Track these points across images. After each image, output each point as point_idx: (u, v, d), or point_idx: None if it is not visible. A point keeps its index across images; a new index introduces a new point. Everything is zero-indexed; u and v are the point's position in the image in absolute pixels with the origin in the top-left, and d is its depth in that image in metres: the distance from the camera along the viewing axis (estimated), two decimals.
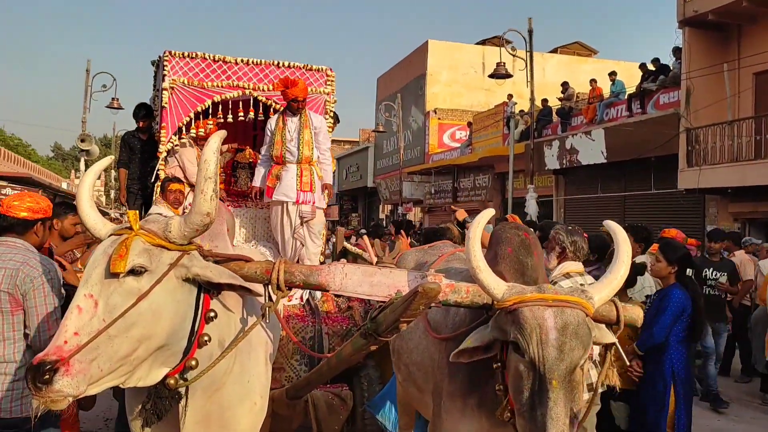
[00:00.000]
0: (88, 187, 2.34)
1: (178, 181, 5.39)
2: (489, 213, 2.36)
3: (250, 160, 6.32)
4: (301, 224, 5.38)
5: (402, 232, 8.55)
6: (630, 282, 4.32)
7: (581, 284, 2.91)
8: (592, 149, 15.90)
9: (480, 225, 2.23)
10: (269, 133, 5.40)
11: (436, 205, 25.60)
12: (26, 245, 2.86)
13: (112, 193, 34.35)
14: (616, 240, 2.27)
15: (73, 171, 35.24)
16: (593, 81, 17.85)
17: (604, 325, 2.24)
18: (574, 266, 3.43)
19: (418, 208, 27.85)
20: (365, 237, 4.74)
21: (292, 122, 5.32)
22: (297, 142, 5.33)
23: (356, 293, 2.39)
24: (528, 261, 2.34)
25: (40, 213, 2.99)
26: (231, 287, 2.22)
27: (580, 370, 1.97)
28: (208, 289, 2.24)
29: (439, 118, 26.50)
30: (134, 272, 2.01)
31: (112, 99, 19.27)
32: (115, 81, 19.78)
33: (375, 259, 4.31)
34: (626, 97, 16.53)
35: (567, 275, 3.41)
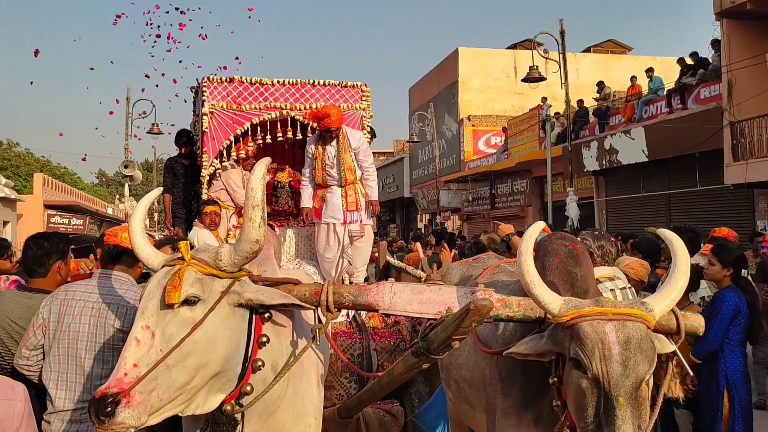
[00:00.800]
0: (140, 220, 2.39)
1: (213, 203, 5.44)
2: (539, 226, 2.31)
3: (290, 180, 6.37)
4: (351, 243, 5.42)
5: (444, 243, 8.45)
6: (693, 285, 4.22)
7: (611, 289, 2.89)
8: (632, 148, 15.61)
9: (532, 238, 2.19)
10: (309, 157, 5.41)
11: (474, 212, 25.39)
12: (132, 281, 2.94)
13: (156, 216, 34.85)
14: (673, 249, 2.21)
15: (117, 196, 36.25)
16: (633, 78, 17.42)
17: (663, 335, 2.17)
18: (603, 271, 3.40)
19: (456, 216, 27.61)
20: (417, 244, 4.68)
21: (331, 147, 5.33)
22: (338, 168, 5.34)
23: (406, 312, 2.37)
24: (577, 272, 2.30)
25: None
26: (285, 307, 2.23)
27: (645, 386, 1.91)
28: (260, 313, 2.26)
29: (473, 125, 26.32)
30: (188, 302, 2.04)
31: (153, 125, 19.77)
32: (154, 107, 20.43)
33: (424, 266, 4.29)
34: (665, 93, 16.18)
35: (597, 281, 3.46)
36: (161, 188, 2.84)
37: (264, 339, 2.22)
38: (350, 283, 5.47)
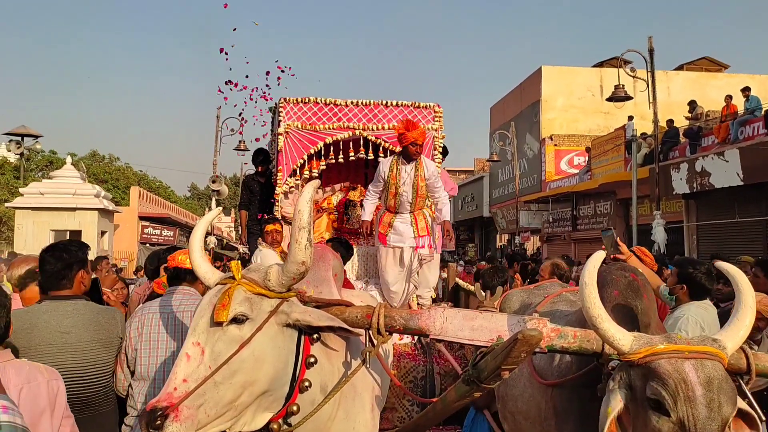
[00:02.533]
0: (199, 238, 2.46)
1: (274, 221, 5.51)
2: (600, 255, 2.23)
3: (362, 199, 6.41)
4: (420, 267, 5.39)
5: (516, 266, 8.27)
6: None
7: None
8: (726, 171, 14.85)
9: (594, 268, 2.11)
10: (381, 177, 5.39)
11: (554, 234, 24.87)
12: (197, 293, 3.08)
13: (240, 230, 36.07)
14: (737, 284, 2.08)
15: (207, 209, 38.04)
16: (728, 97, 16.62)
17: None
18: None
19: (535, 237, 27.11)
20: (478, 284, 4.55)
21: (406, 171, 5.30)
22: (411, 195, 5.30)
23: (457, 338, 2.34)
24: (637, 304, 2.21)
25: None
26: (331, 329, 2.23)
27: (728, 430, 1.81)
28: (309, 334, 2.28)
29: (555, 145, 25.87)
30: (236, 320, 2.07)
31: (240, 141, 20.68)
32: (243, 125, 21.03)
33: (477, 292, 4.25)
34: (763, 113, 15.29)
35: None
36: (220, 208, 2.92)
37: (312, 359, 2.22)
38: (418, 305, 5.52)
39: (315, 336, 2.29)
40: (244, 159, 28.54)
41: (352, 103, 5.73)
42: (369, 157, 5.85)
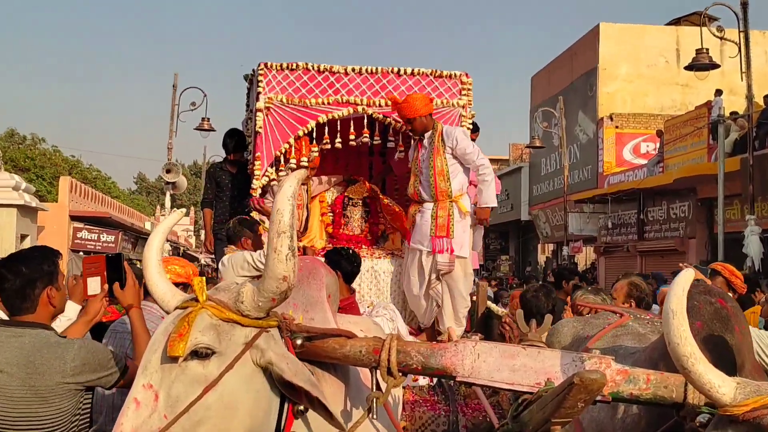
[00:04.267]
0: (157, 249, 2.45)
1: (251, 224, 5.48)
2: (689, 276, 2.20)
3: (365, 195, 6.55)
4: (438, 279, 5.56)
5: (565, 285, 8.24)
6: None
7: None
8: None
9: (684, 292, 2.07)
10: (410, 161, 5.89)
11: (614, 243, 24.62)
12: (156, 313, 3.18)
13: (203, 234, 35.20)
14: None
15: (158, 206, 37.97)
16: None
17: None
18: None
19: (589, 247, 26.87)
20: (519, 311, 4.54)
21: (424, 149, 5.58)
22: (426, 175, 5.56)
23: (492, 381, 2.31)
24: (728, 339, 2.21)
25: (182, 278, 3.66)
26: (308, 399, 2.14)
27: None
28: (283, 385, 2.24)
29: (616, 127, 25.71)
30: (199, 355, 2.05)
31: (203, 119, 20.24)
32: (206, 97, 20.76)
33: (519, 322, 4.33)
34: None
35: None
36: (183, 211, 2.96)
37: (302, 407, 2.18)
38: (448, 338, 5.71)
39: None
40: (210, 142, 28.68)
41: (353, 70, 5.78)
42: (375, 141, 5.91)
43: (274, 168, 5.70)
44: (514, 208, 32.80)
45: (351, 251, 5.48)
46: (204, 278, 2.26)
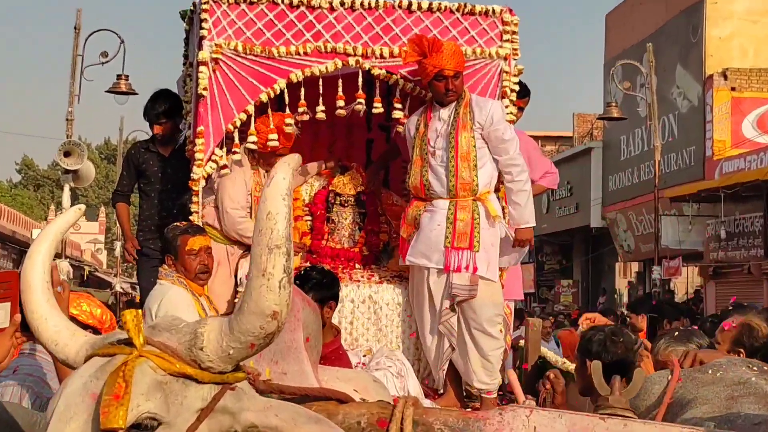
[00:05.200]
0: (41, 265, 2.44)
1: (196, 231, 5.59)
2: None
3: (360, 191, 6.54)
4: (452, 308, 5.60)
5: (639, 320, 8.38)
6: None
7: None
8: None
9: None
10: (409, 141, 5.80)
11: (730, 261, 23.77)
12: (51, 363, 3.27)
13: (118, 248, 29.35)
14: None
15: (52, 206, 37.37)
16: None
17: None
18: None
19: (692, 267, 26.27)
20: (595, 363, 4.35)
21: (440, 121, 5.63)
22: (445, 157, 5.60)
23: None
24: None
25: (95, 319, 3.88)
26: None
27: None
28: None
29: (732, 89, 24.57)
30: (141, 427, 2.04)
31: (119, 78, 18.93)
32: (123, 45, 19.23)
33: (596, 379, 4.05)
34: None
35: None
36: (82, 207, 2.88)
37: None
38: (482, 404, 5.55)
39: None
40: (129, 110, 27.70)
41: (342, 4, 5.74)
42: (375, 110, 5.89)
43: (224, 149, 5.67)
44: (580, 209, 32.52)
45: (321, 269, 5.39)
46: (140, 311, 2.23)
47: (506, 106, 5.91)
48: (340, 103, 5.78)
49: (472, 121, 5.55)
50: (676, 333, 5.37)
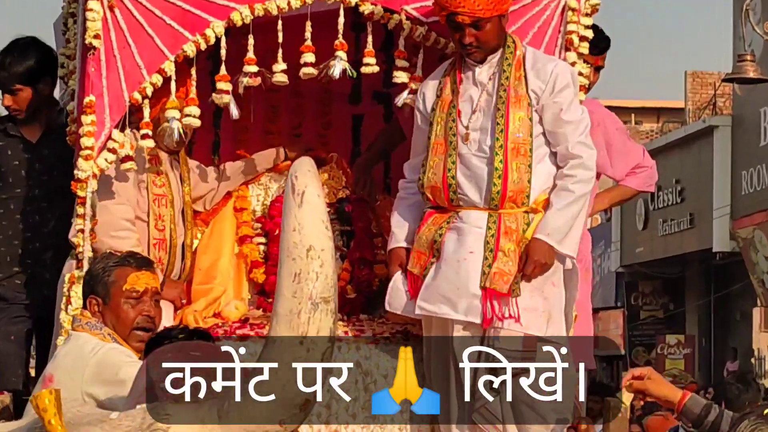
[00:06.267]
0: None
1: (146, 264, 5.49)
2: None
3: (342, 196, 6.79)
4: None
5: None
6: None
7: None
8: None
9: None
10: (421, 118, 5.87)
11: None
12: None
13: None
14: None
15: None
16: None
17: None
18: None
19: None
20: None
21: (477, 86, 5.68)
22: (488, 143, 5.65)
23: None
24: None
25: None
26: None
27: None
28: None
29: None
30: None
31: None
32: None
33: None
34: None
35: None
36: None
37: None
38: None
39: None
40: None
41: None
42: (366, 69, 5.95)
43: (127, 131, 5.76)
44: (695, 223, 30.53)
45: (195, 331, 4.78)
46: (59, 391, 2.50)
47: (572, 63, 5.90)
48: (310, 57, 5.70)
49: (526, 89, 5.59)
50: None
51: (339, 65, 5.85)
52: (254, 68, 5.79)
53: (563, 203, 5.57)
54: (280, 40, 5.78)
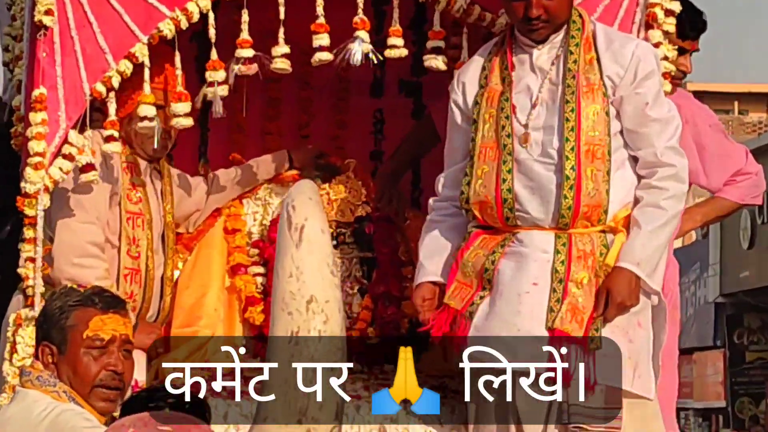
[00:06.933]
0: None
1: (115, 305, 5.20)
2: None
3: (362, 214, 6.89)
4: None
5: None
6: None
7: None
8: None
9: None
10: (459, 118, 5.83)
11: None
12: None
13: None
14: None
15: None
16: None
17: None
18: None
19: None
20: None
21: (536, 73, 5.65)
22: (554, 145, 5.69)
23: None
24: None
25: None
26: None
27: None
28: None
29: None
30: None
31: None
32: None
33: None
34: None
35: None
36: None
37: None
38: None
39: None
40: None
41: None
42: (391, 52, 5.98)
43: (87, 133, 5.77)
44: None
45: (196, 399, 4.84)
46: None
47: (655, 45, 5.96)
48: (324, 40, 5.61)
49: (600, 74, 5.54)
50: None
51: (360, 48, 5.66)
52: (249, 52, 5.77)
53: (654, 224, 5.47)
54: (282, 16, 5.64)
